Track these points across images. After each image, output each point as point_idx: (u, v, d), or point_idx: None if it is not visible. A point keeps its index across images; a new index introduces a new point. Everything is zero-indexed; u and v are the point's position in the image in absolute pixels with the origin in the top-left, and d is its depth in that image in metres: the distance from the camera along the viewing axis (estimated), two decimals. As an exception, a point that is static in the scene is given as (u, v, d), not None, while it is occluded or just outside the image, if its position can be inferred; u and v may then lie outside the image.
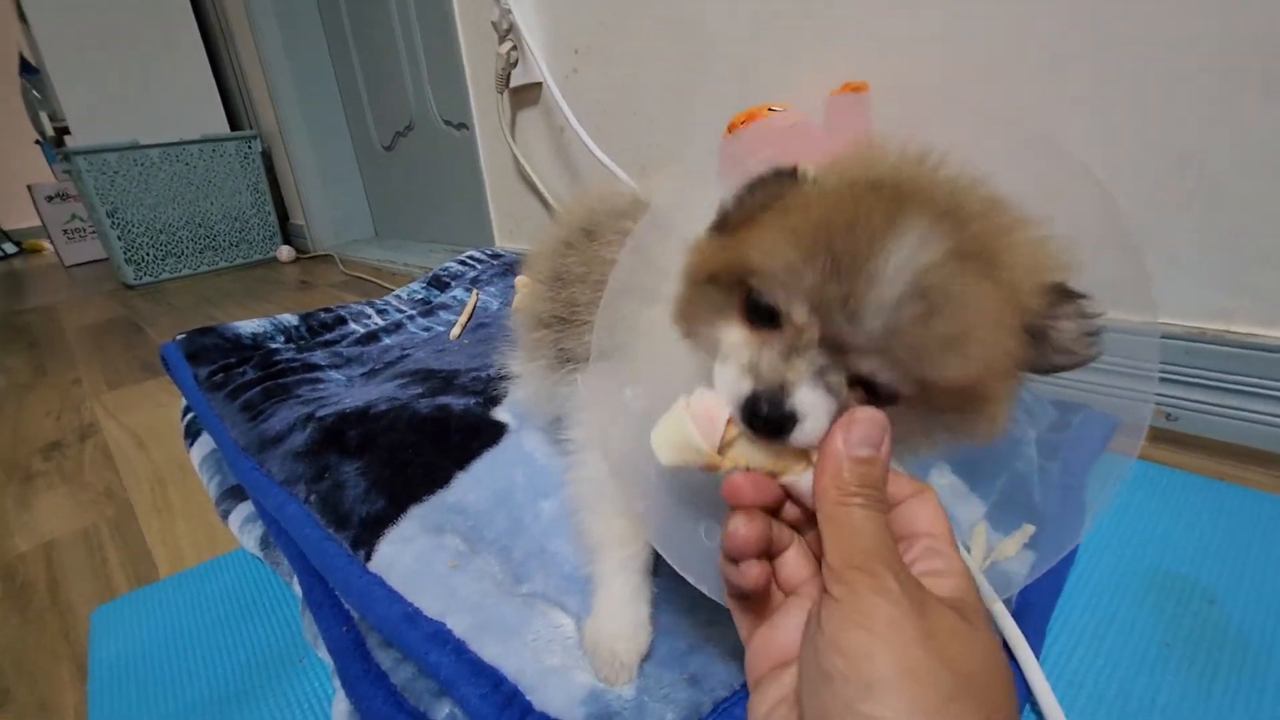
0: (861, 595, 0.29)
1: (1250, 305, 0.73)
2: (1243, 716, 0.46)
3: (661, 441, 0.34)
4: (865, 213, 0.30)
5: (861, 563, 0.30)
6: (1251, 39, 0.66)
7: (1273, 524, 0.62)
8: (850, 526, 0.31)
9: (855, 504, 0.31)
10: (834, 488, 0.32)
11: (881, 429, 0.32)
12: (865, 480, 0.32)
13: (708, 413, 0.33)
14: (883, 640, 0.27)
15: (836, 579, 0.30)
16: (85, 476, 1.01)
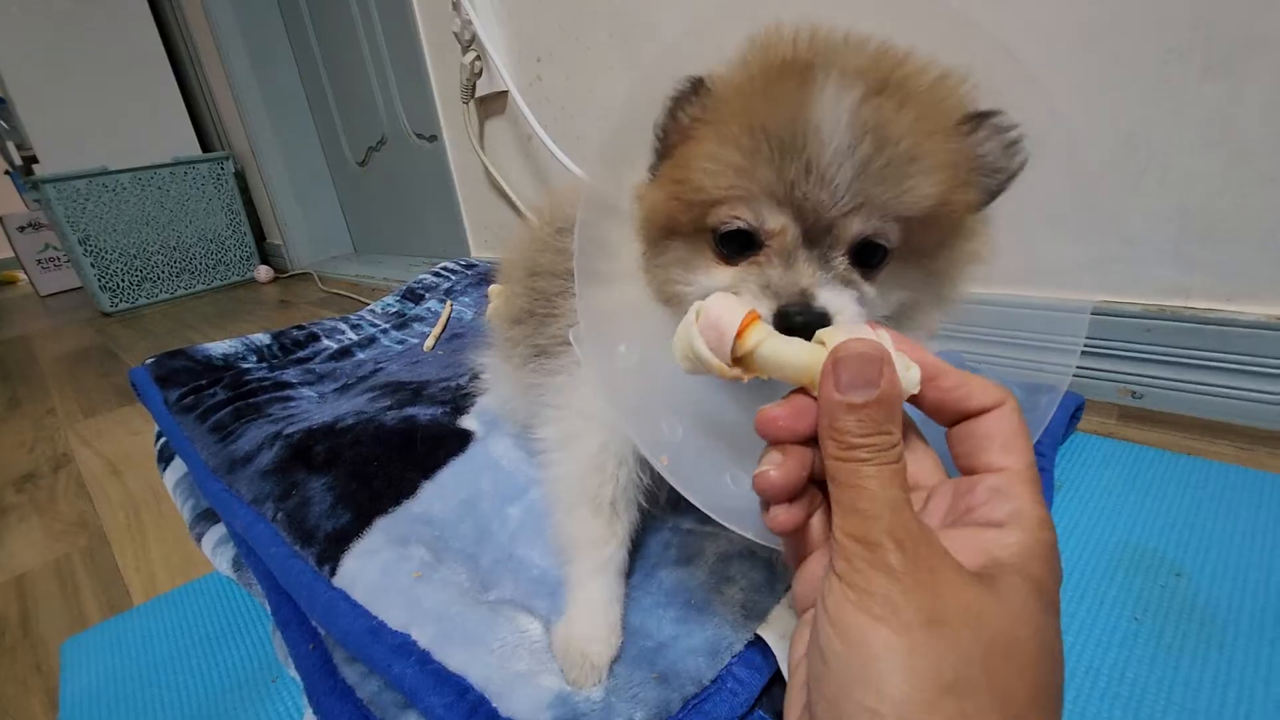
0: (861, 571, 0.25)
1: (1205, 280, 0.74)
2: (1210, 687, 0.46)
3: (677, 350, 0.33)
4: (780, 87, 0.31)
5: (862, 532, 0.26)
6: (1189, 20, 0.67)
7: (1238, 495, 0.63)
8: (852, 485, 0.27)
9: (858, 458, 0.27)
10: (831, 440, 0.28)
11: (875, 362, 0.28)
12: (867, 427, 0.27)
13: (716, 325, 0.31)
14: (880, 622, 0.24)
15: (839, 551, 0.27)
16: (58, 507, 0.99)
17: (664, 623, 0.47)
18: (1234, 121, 0.68)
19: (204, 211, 2.67)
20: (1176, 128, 0.71)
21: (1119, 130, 0.74)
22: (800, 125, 0.31)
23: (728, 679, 0.43)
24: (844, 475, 0.27)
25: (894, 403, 0.28)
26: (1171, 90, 0.70)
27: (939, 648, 0.24)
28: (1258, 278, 0.71)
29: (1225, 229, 0.71)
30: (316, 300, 2.23)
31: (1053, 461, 0.68)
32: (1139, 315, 0.77)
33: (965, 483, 0.30)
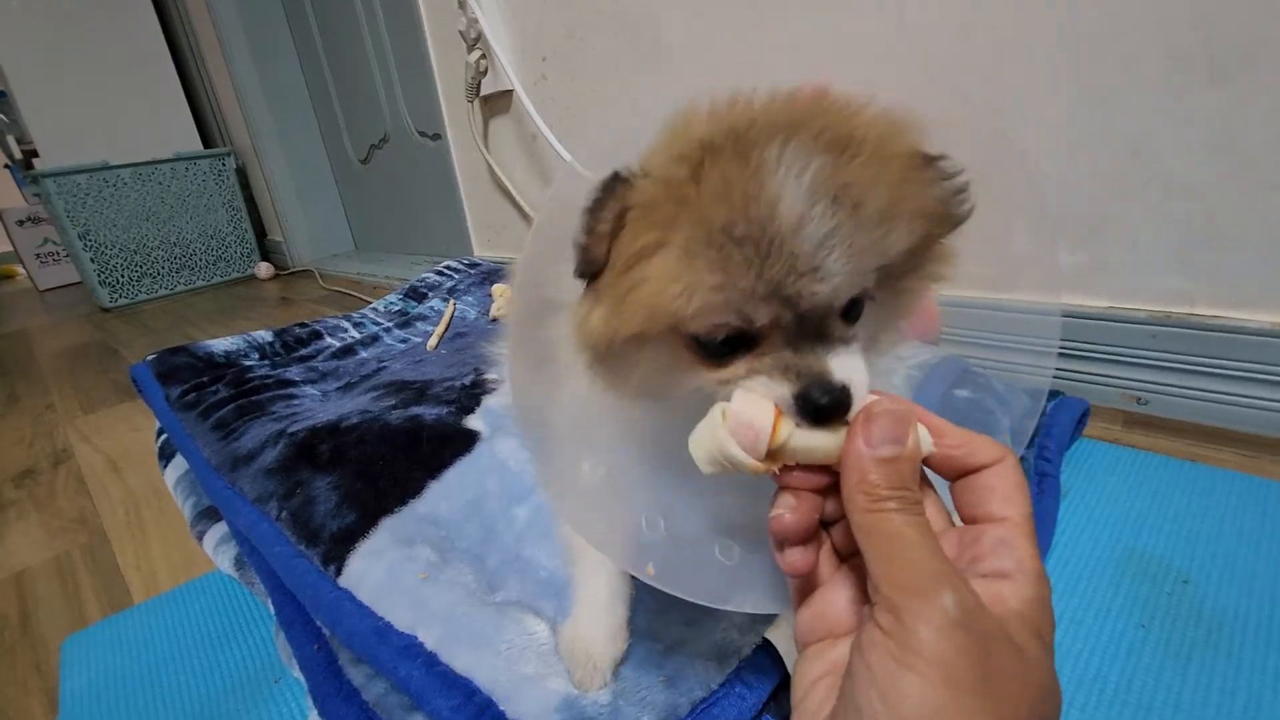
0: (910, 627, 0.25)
1: (1209, 288, 0.74)
2: (1219, 694, 0.46)
3: (701, 453, 0.32)
4: (728, 177, 0.28)
5: (912, 582, 0.25)
6: (1194, 28, 0.67)
7: (1244, 502, 0.63)
8: (890, 535, 0.27)
9: (890, 509, 0.28)
10: (861, 494, 0.28)
11: (903, 421, 0.29)
12: (895, 481, 0.28)
13: (751, 425, 0.30)
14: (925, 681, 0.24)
15: (884, 604, 0.26)
16: (58, 503, 0.99)
17: (673, 626, 0.47)
18: (1238, 129, 0.68)
19: (205, 207, 2.66)
20: (1181, 135, 0.71)
21: (1124, 138, 0.74)
22: (765, 217, 0.28)
23: (736, 683, 0.43)
24: (878, 526, 0.28)
25: (917, 460, 0.30)
26: (1176, 98, 0.70)
27: (990, 709, 0.24)
28: (1262, 285, 0.71)
29: (1230, 236, 0.71)
30: (317, 298, 2.23)
31: (1059, 467, 0.67)
32: (1144, 322, 0.77)
33: (970, 532, 0.31)
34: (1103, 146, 0.76)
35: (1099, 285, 0.81)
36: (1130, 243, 0.77)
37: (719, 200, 0.28)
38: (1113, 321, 0.79)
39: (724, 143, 0.29)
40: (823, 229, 0.28)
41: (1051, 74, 0.77)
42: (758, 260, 0.28)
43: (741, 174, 0.28)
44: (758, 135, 0.29)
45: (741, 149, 0.29)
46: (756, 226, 0.28)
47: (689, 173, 0.29)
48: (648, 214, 0.29)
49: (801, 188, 0.28)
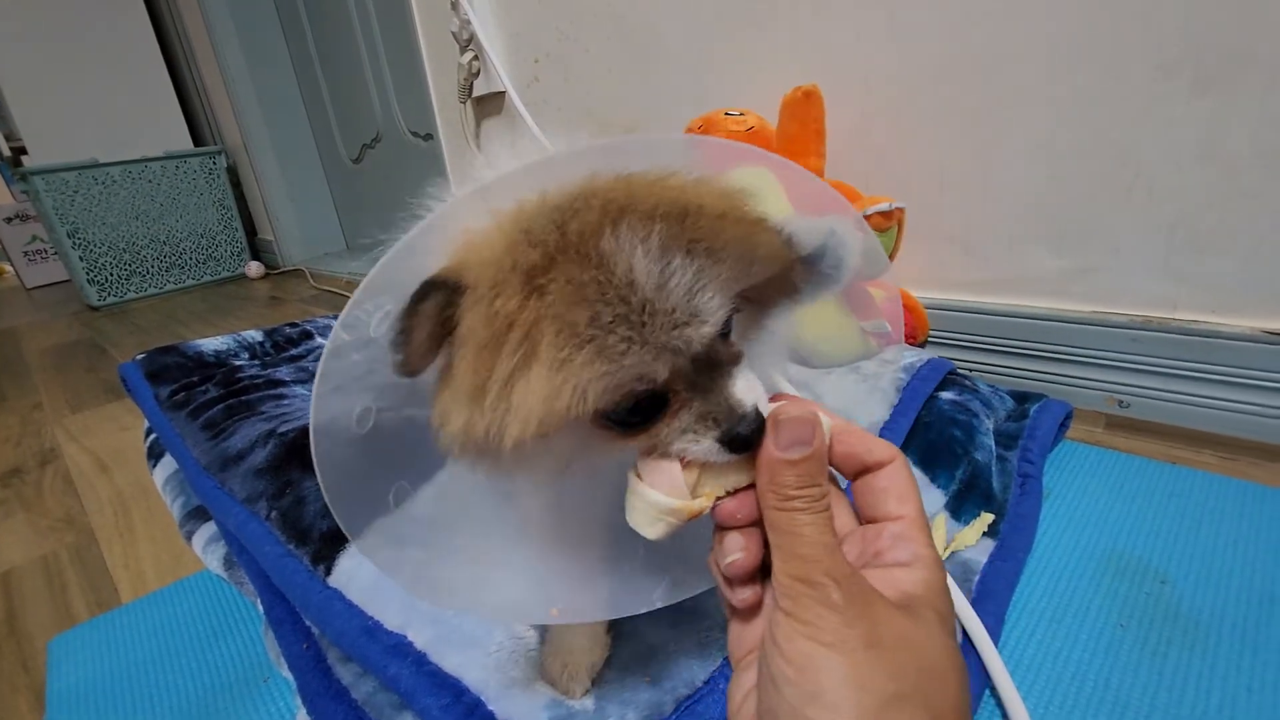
0: (806, 606, 0.29)
1: (1190, 293, 0.75)
2: (1194, 693, 0.47)
3: (641, 520, 0.33)
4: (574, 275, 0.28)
5: (803, 573, 0.29)
6: (1180, 38, 0.68)
7: (1222, 504, 0.64)
8: (791, 533, 0.30)
9: (795, 507, 0.31)
10: (771, 493, 0.31)
11: (810, 425, 0.32)
12: (803, 481, 0.31)
13: (665, 472, 0.32)
14: (828, 649, 0.28)
15: (783, 591, 0.30)
16: (45, 503, 0.98)
17: (656, 626, 0.48)
18: (1222, 138, 0.69)
19: (195, 206, 2.65)
20: (1165, 143, 0.72)
21: (1109, 144, 0.75)
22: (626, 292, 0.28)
23: (720, 680, 0.44)
24: (783, 524, 0.31)
25: (824, 459, 0.32)
26: (1161, 106, 0.71)
27: (881, 666, 0.27)
28: (1243, 291, 0.72)
29: (1212, 243, 0.73)
30: (308, 297, 2.22)
31: (1041, 469, 0.69)
32: (1127, 326, 0.78)
33: (871, 530, 0.34)
34: (1088, 153, 0.77)
35: (1082, 289, 0.82)
36: (1114, 248, 0.78)
37: (573, 304, 0.27)
38: (1096, 325, 0.81)
39: (546, 261, 0.28)
40: (684, 278, 0.28)
41: (1039, 81, 0.78)
42: (636, 332, 0.28)
43: (586, 271, 0.28)
44: (586, 234, 0.28)
45: (575, 252, 0.28)
46: (622, 304, 0.28)
47: (521, 299, 0.28)
48: (484, 339, 0.28)
49: (651, 251, 0.28)
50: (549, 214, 0.29)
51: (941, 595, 0.31)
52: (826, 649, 0.28)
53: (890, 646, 0.28)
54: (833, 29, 0.92)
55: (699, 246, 0.29)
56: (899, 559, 0.32)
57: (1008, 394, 0.80)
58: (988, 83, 0.81)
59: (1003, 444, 0.71)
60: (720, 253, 0.29)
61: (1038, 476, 0.67)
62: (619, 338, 0.28)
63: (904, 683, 0.27)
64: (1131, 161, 0.75)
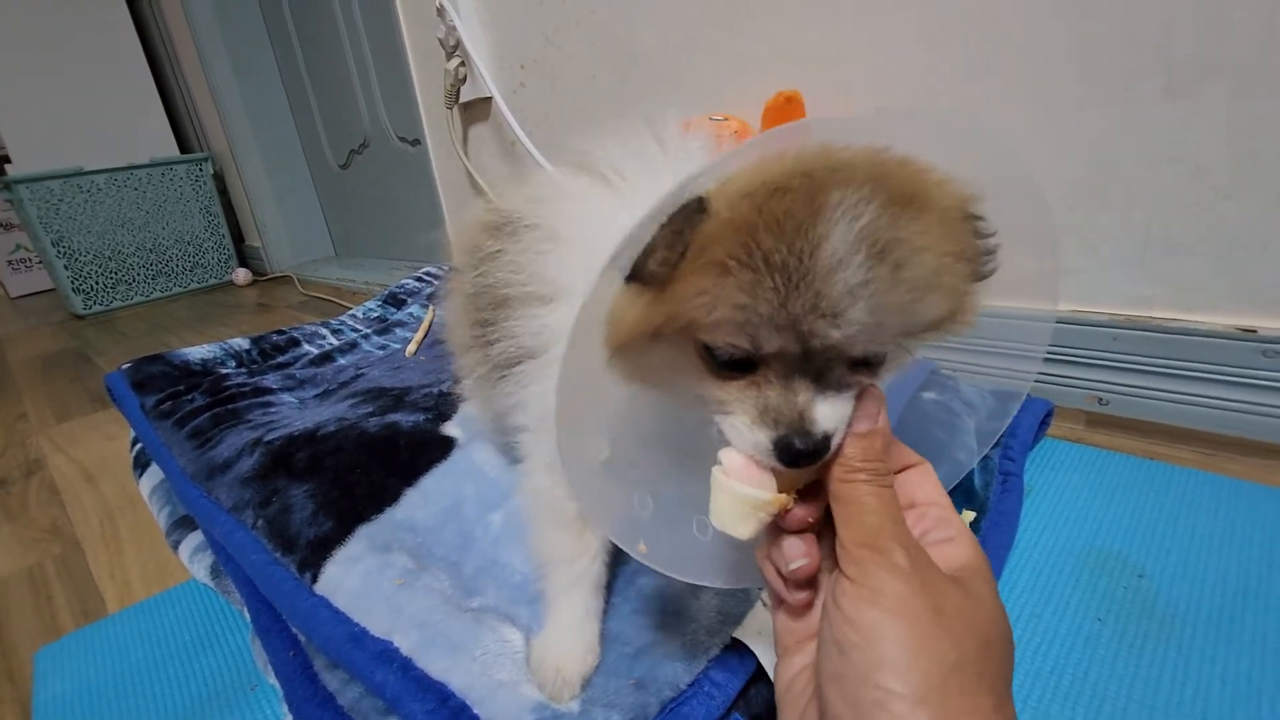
0: (872, 573, 0.30)
1: (1166, 292, 0.76)
2: (1170, 685, 0.48)
3: (727, 518, 0.33)
4: (783, 208, 0.28)
5: (870, 540, 0.31)
6: (1151, 43, 0.70)
7: (1198, 498, 0.65)
8: (857, 503, 0.32)
9: (860, 480, 0.32)
10: (838, 466, 0.33)
11: (877, 402, 0.33)
12: (867, 454, 0.33)
13: (746, 467, 0.33)
14: (894, 615, 0.29)
15: (849, 558, 0.31)
16: (30, 514, 0.98)
17: (642, 629, 0.48)
18: (1193, 141, 0.71)
19: (181, 213, 2.63)
20: (1139, 147, 0.74)
21: (1084, 148, 0.77)
22: (806, 252, 0.28)
23: (704, 682, 0.44)
24: (848, 495, 0.32)
25: (887, 437, 0.34)
26: (1134, 111, 0.73)
27: (944, 635, 0.28)
28: (1216, 290, 0.74)
29: (1185, 243, 0.74)
30: (296, 304, 2.21)
31: (1022, 466, 0.69)
32: (1106, 324, 0.79)
33: (914, 514, 0.36)
34: (1064, 156, 0.78)
35: (1063, 289, 0.83)
36: (1091, 249, 0.80)
37: (770, 229, 0.28)
38: (1075, 325, 0.82)
39: (795, 184, 0.29)
40: (857, 278, 0.28)
41: (1014, 86, 0.79)
42: (785, 290, 0.28)
43: (801, 210, 0.28)
44: (829, 179, 0.29)
45: (810, 190, 0.29)
46: (795, 258, 0.28)
47: (753, 207, 0.29)
48: (705, 239, 0.30)
49: (850, 232, 0.28)
50: (828, 158, 0.30)
51: (987, 564, 0.33)
52: (890, 614, 0.29)
53: (951, 615, 0.29)
54: (813, 36, 0.94)
55: (894, 251, 0.28)
56: (946, 536, 0.34)
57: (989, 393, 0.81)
58: (966, 87, 0.83)
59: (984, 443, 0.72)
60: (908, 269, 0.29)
61: (1019, 474, 0.68)
62: (772, 284, 0.28)
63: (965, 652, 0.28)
64: (1108, 165, 0.76)
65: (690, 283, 0.30)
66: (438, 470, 0.66)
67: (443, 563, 0.55)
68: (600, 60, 1.23)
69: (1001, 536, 0.60)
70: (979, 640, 0.29)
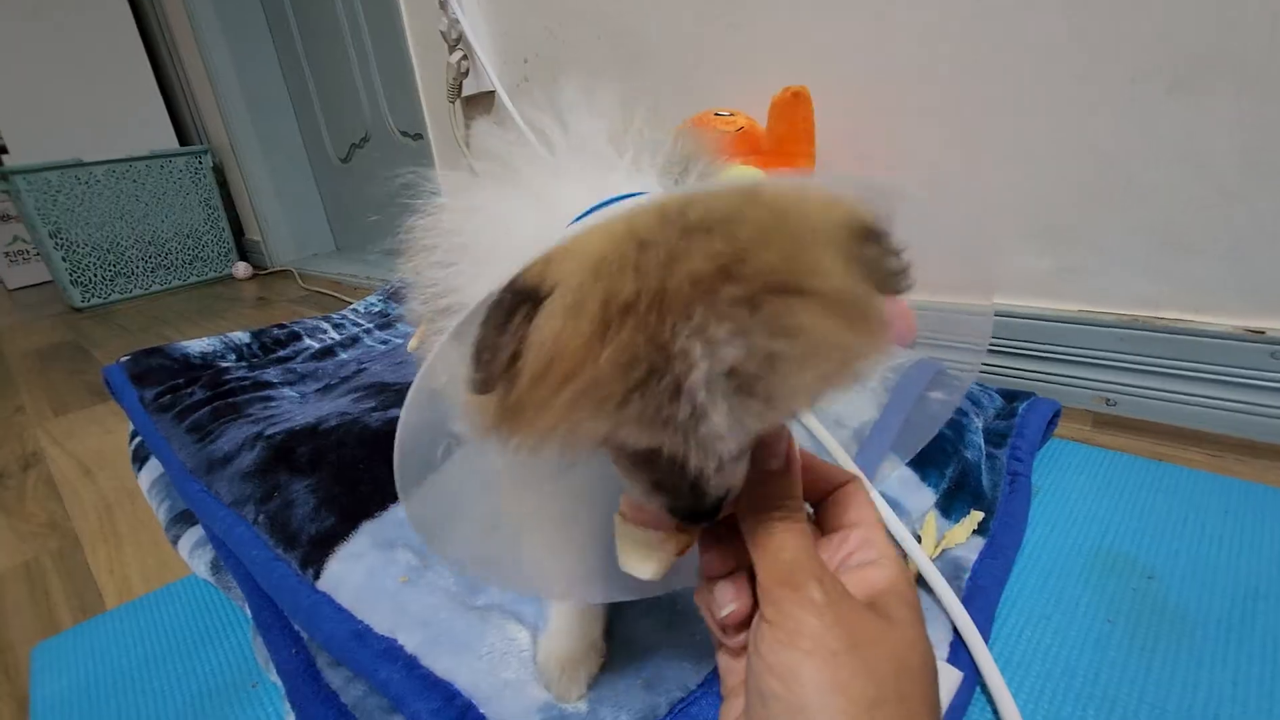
0: (789, 613, 0.29)
1: (1174, 292, 0.76)
2: (1181, 687, 0.47)
3: (630, 559, 0.34)
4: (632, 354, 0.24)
5: (785, 577, 0.30)
6: (1157, 42, 0.69)
7: (1208, 500, 0.65)
8: (771, 541, 0.31)
9: (774, 518, 0.32)
10: (749, 506, 0.32)
11: (783, 439, 0.33)
12: (779, 493, 0.32)
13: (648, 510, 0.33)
14: (809, 656, 0.28)
15: (767, 599, 0.30)
16: (27, 508, 0.97)
17: (650, 629, 0.48)
18: (1199, 139, 0.70)
19: (180, 206, 2.61)
20: (1146, 146, 0.73)
21: (1093, 146, 0.76)
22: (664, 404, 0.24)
23: (714, 683, 0.44)
24: (762, 535, 0.32)
25: (797, 473, 0.34)
26: (1140, 109, 0.72)
27: (861, 669, 0.28)
28: (1224, 290, 0.73)
29: (1193, 243, 0.74)
30: (296, 298, 2.20)
31: (1030, 467, 0.69)
32: (1114, 325, 0.79)
33: (837, 537, 0.35)
34: (1071, 156, 0.78)
35: (1070, 290, 0.83)
36: (1099, 249, 0.79)
37: (618, 374, 0.24)
38: (1083, 325, 0.81)
39: (635, 301, 0.23)
40: (724, 423, 0.25)
41: (1021, 85, 0.78)
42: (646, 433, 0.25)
43: (647, 345, 0.24)
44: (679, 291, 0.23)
45: (656, 308, 0.23)
46: (651, 408, 0.24)
47: (588, 334, 0.24)
48: (538, 365, 0.25)
49: (711, 376, 0.24)
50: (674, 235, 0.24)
51: (911, 588, 0.33)
52: (807, 656, 0.28)
53: (868, 646, 0.29)
54: (821, 31, 0.93)
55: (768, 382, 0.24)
56: (867, 559, 0.34)
57: (996, 393, 0.81)
58: (974, 85, 0.82)
59: (992, 442, 0.71)
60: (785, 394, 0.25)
61: (1027, 474, 0.67)
62: (631, 434, 0.25)
63: (884, 686, 0.28)
64: (1115, 163, 0.75)
65: (542, 415, 0.25)
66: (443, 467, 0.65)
67: (447, 560, 0.54)
68: (605, 54, 1.22)
69: (1010, 537, 0.60)
70: (897, 668, 0.29)
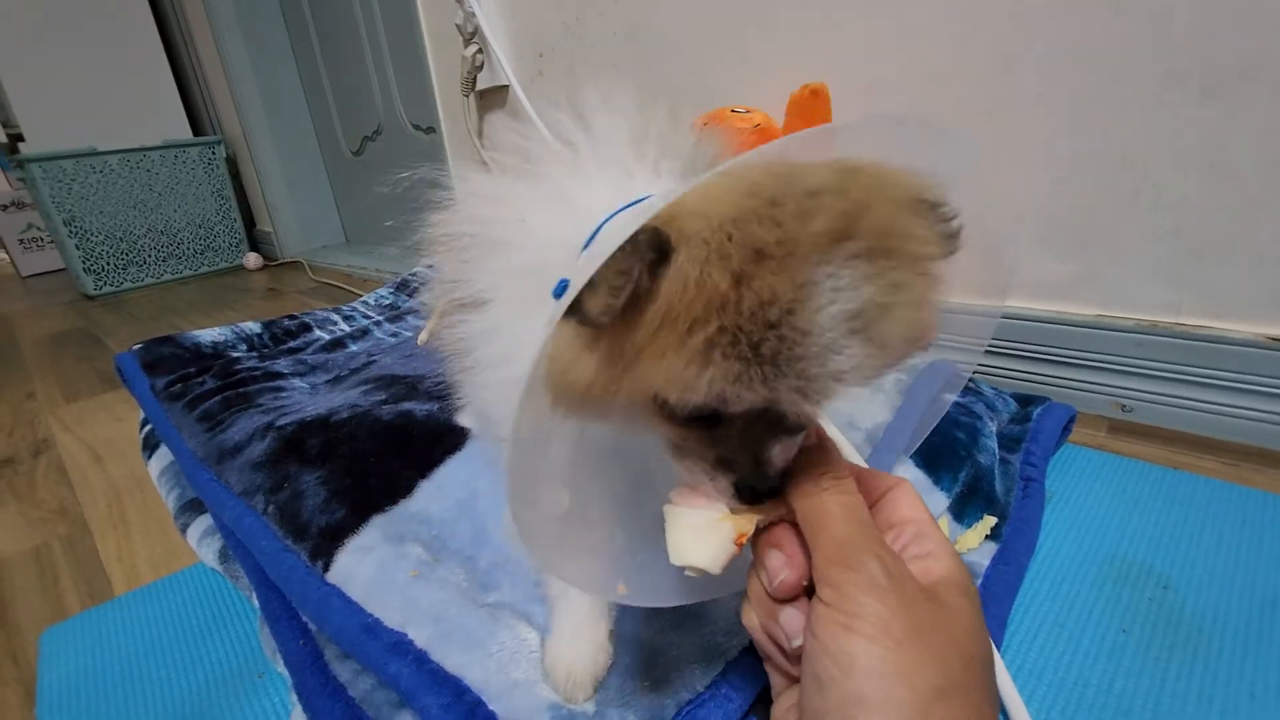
0: (848, 595, 0.28)
1: (1194, 298, 0.75)
2: (1197, 700, 0.47)
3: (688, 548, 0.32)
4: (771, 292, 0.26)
5: (841, 555, 0.29)
6: (1189, 45, 0.68)
7: (1225, 509, 0.64)
8: (825, 515, 0.31)
9: (823, 490, 0.32)
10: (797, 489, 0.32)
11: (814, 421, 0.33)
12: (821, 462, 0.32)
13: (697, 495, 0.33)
14: (871, 642, 0.27)
15: (823, 580, 0.29)
16: (38, 493, 0.97)
17: (658, 630, 0.47)
18: (1227, 146, 0.69)
19: (193, 196, 2.62)
20: (1171, 150, 0.72)
21: (1115, 150, 0.75)
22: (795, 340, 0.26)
23: (722, 685, 0.43)
24: (814, 511, 0.31)
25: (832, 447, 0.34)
26: (1168, 113, 0.71)
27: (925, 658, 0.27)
28: (1247, 297, 0.72)
29: (1216, 249, 0.73)
30: (307, 290, 2.21)
31: (1044, 472, 0.68)
32: (1131, 330, 0.78)
33: (891, 534, 0.35)
34: (1094, 158, 0.77)
35: (1088, 294, 0.82)
36: (1119, 253, 0.78)
37: (755, 315, 0.26)
38: (1100, 330, 0.80)
39: (773, 249, 0.26)
40: (845, 363, 0.27)
41: (1045, 86, 0.77)
42: (773, 376, 0.27)
43: (786, 291, 0.26)
44: (811, 241, 0.26)
45: (791, 256, 0.26)
46: (786, 345, 0.26)
47: (730, 280, 0.26)
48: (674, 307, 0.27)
49: (839, 316, 0.26)
50: (796, 195, 0.27)
51: (967, 578, 0.32)
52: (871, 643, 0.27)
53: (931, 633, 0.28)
54: (841, 30, 0.92)
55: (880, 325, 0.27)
56: (924, 551, 0.33)
57: (1011, 397, 0.80)
58: (994, 87, 0.81)
59: (1005, 447, 0.71)
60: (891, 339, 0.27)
61: (1040, 480, 0.67)
62: (759, 375, 0.27)
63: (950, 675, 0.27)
64: (1137, 167, 0.74)
65: (662, 361, 0.27)
66: (452, 461, 0.65)
67: (458, 556, 0.54)
68: (621, 49, 1.21)
69: (1023, 543, 0.59)
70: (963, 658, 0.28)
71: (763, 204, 0.27)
